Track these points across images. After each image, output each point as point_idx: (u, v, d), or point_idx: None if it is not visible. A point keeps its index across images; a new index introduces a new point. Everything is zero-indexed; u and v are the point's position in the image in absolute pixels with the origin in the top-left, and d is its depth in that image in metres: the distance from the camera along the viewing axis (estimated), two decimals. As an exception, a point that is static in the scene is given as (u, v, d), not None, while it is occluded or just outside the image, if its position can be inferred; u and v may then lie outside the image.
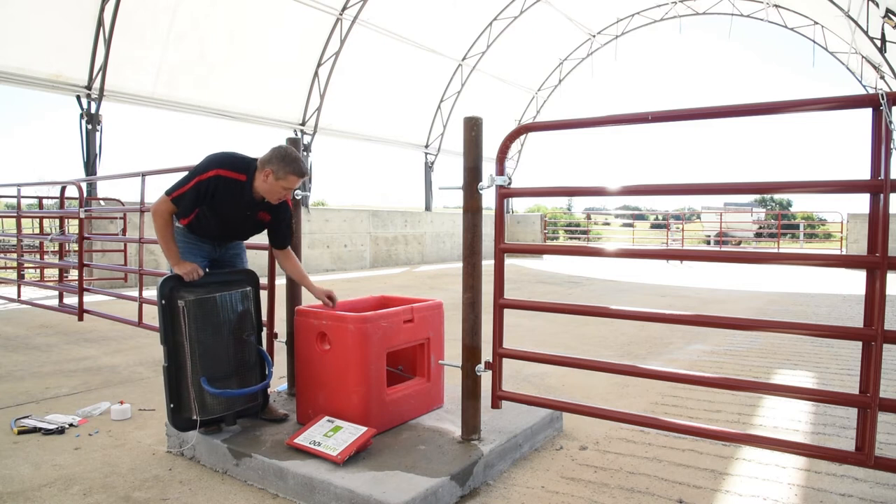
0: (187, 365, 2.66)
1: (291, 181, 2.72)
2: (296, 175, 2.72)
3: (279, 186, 2.72)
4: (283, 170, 2.69)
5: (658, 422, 2.33)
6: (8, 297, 7.86)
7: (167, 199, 2.73)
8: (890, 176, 1.86)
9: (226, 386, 2.73)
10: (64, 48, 10.18)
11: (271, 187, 2.72)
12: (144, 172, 4.86)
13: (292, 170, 2.70)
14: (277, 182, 2.70)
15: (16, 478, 2.60)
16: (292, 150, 2.75)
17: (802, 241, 24.50)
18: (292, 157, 2.71)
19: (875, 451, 1.92)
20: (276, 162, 2.69)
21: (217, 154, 2.78)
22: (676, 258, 2.55)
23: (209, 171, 2.70)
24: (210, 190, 2.70)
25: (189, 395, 2.68)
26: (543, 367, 4.42)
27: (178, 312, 2.66)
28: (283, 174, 2.69)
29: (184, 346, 2.66)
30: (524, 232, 19.97)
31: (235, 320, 2.79)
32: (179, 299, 2.66)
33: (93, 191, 10.28)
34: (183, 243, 2.87)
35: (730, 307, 7.89)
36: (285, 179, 2.70)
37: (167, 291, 2.67)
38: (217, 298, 2.74)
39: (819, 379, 4.20)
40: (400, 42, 15.38)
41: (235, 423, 2.86)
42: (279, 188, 2.72)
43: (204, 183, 2.69)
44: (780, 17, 16.69)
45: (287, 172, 2.69)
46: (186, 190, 2.70)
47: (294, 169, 2.70)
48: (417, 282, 11.41)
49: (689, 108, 2.25)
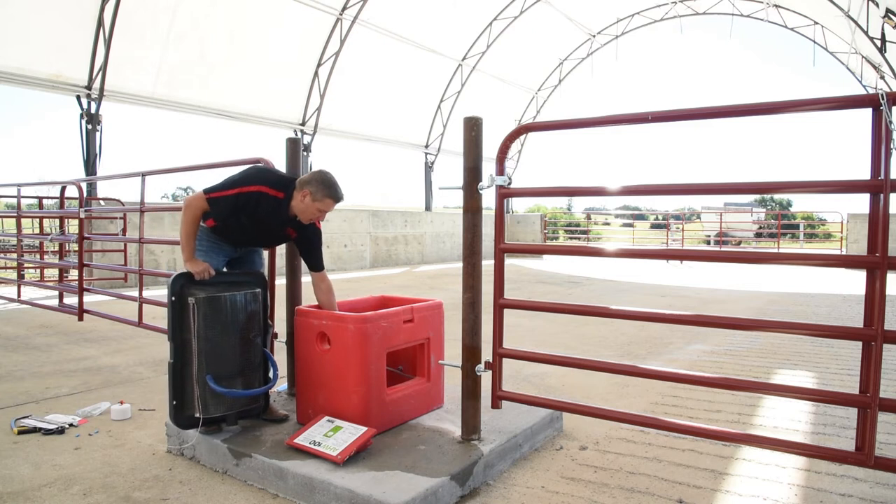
0: (193, 362, 2.67)
1: (328, 204, 2.82)
2: (333, 199, 2.82)
3: (315, 208, 2.81)
4: (321, 192, 2.78)
5: (658, 422, 2.33)
6: (8, 297, 7.86)
7: (204, 197, 2.76)
8: (890, 176, 1.86)
9: (230, 385, 2.73)
10: (64, 48, 10.19)
11: (307, 208, 2.80)
12: (144, 172, 4.86)
13: (330, 194, 2.80)
14: (314, 203, 2.79)
15: (16, 478, 2.60)
16: (332, 176, 2.85)
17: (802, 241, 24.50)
18: (331, 181, 2.82)
19: (875, 451, 1.92)
20: (316, 184, 2.78)
21: (262, 169, 2.89)
22: (676, 258, 2.55)
23: (253, 186, 2.77)
24: (250, 203, 2.77)
25: (193, 393, 2.68)
26: (543, 367, 4.42)
27: (188, 310, 2.67)
28: (321, 197, 2.79)
29: (191, 344, 2.67)
30: (524, 232, 19.97)
31: (243, 321, 2.80)
32: (190, 296, 2.68)
33: (93, 191, 10.28)
34: (206, 242, 2.91)
35: (730, 307, 7.89)
36: (322, 202, 2.80)
37: (178, 288, 2.67)
38: (227, 298, 2.76)
39: (819, 379, 4.20)
40: (400, 42, 15.39)
41: (237, 424, 2.86)
42: (314, 209, 2.81)
43: (244, 196, 2.75)
44: (780, 17, 16.69)
45: (325, 196, 2.79)
46: (227, 196, 2.75)
47: (332, 193, 2.81)
48: (417, 282, 11.42)
49: (689, 108, 2.25)
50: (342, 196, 2.87)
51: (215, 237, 2.94)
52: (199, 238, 2.87)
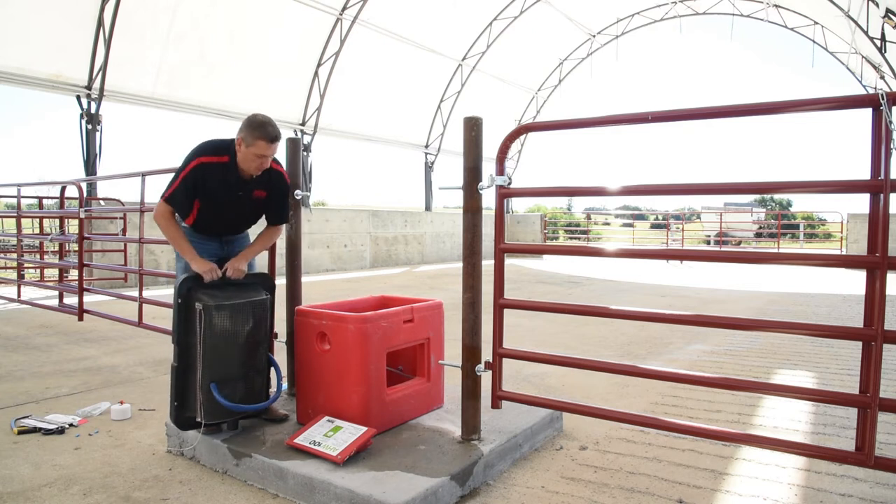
0: (197, 367, 2.63)
1: (260, 146, 2.64)
2: (264, 139, 2.63)
3: (251, 154, 2.66)
4: (250, 136, 2.63)
5: (658, 422, 2.33)
6: (8, 297, 7.86)
7: (162, 201, 2.74)
8: (890, 176, 1.86)
9: (233, 389, 2.69)
10: (64, 48, 10.19)
11: (245, 157, 2.68)
12: (144, 172, 4.86)
13: (260, 135, 2.62)
14: (248, 150, 2.66)
15: (16, 478, 2.60)
16: (260, 116, 2.67)
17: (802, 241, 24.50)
18: (258, 121, 2.64)
19: (875, 451, 1.92)
20: (244, 130, 2.65)
21: (197, 145, 2.76)
22: (676, 258, 2.55)
23: (192, 162, 2.69)
24: (198, 180, 2.68)
25: (195, 398, 2.65)
26: (543, 367, 4.42)
27: (194, 315, 2.61)
28: (252, 140, 2.63)
29: (196, 349, 2.62)
30: (524, 232, 19.97)
31: (251, 327, 2.75)
32: (197, 301, 2.62)
33: (93, 191, 10.28)
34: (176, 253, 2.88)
35: (730, 307, 7.89)
36: (254, 146, 2.64)
37: (184, 291, 2.63)
38: (235, 305, 2.69)
39: (819, 379, 4.20)
40: (400, 42, 15.39)
41: (237, 427, 2.85)
42: (251, 156, 2.66)
43: (190, 175, 2.68)
44: (780, 17, 16.70)
45: (255, 138, 2.63)
46: (176, 187, 2.70)
47: (261, 133, 2.62)
48: (417, 282, 11.41)
49: (689, 108, 2.25)
50: (273, 134, 2.66)
51: (198, 235, 2.90)
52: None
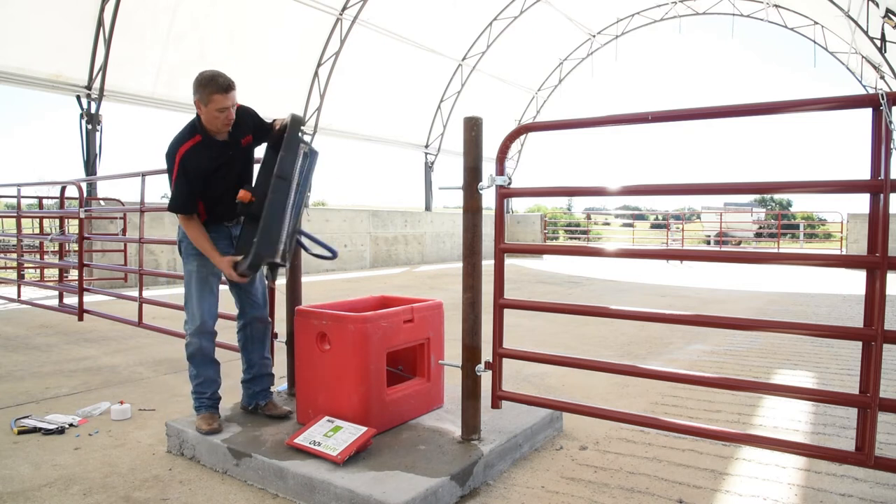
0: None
1: (218, 100, 2.57)
2: (218, 92, 2.55)
3: (213, 112, 2.59)
4: (204, 94, 2.57)
5: (658, 422, 2.33)
6: (8, 297, 7.85)
7: (178, 215, 2.74)
8: (890, 176, 1.86)
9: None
10: (64, 48, 10.19)
11: (209, 118, 2.63)
12: (144, 172, 4.85)
13: (213, 89, 2.55)
14: (209, 108, 2.58)
15: (16, 478, 2.60)
16: (207, 72, 2.61)
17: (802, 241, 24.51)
18: (207, 77, 2.58)
19: (875, 451, 1.92)
20: (196, 91, 2.58)
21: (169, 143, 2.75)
22: (676, 258, 2.55)
23: (176, 157, 2.67)
24: (189, 169, 2.67)
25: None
26: (543, 367, 4.42)
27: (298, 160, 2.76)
28: (207, 97, 2.56)
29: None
30: (524, 232, 19.97)
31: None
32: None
33: (93, 191, 10.29)
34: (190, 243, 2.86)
35: (730, 307, 7.89)
36: (212, 101, 2.57)
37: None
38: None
39: (819, 379, 4.20)
40: (400, 42, 15.39)
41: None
42: (214, 113, 2.59)
43: (181, 171, 2.67)
44: (780, 17, 16.70)
45: (209, 94, 2.56)
46: (178, 191, 2.70)
47: (214, 87, 2.55)
48: (417, 282, 11.41)
49: (689, 108, 2.25)
50: (226, 83, 2.57)
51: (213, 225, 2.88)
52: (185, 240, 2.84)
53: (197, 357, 2.89)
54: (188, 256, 2.88)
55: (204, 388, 2.89)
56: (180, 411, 3.46)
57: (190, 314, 2.87)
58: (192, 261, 2.86)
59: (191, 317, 2.86)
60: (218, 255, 2.75)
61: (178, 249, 2.95)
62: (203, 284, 2.86)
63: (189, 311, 2.87)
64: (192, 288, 2.86)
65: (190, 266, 2.87)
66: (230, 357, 4.86)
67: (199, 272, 2.85)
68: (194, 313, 2.85)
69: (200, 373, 2.90)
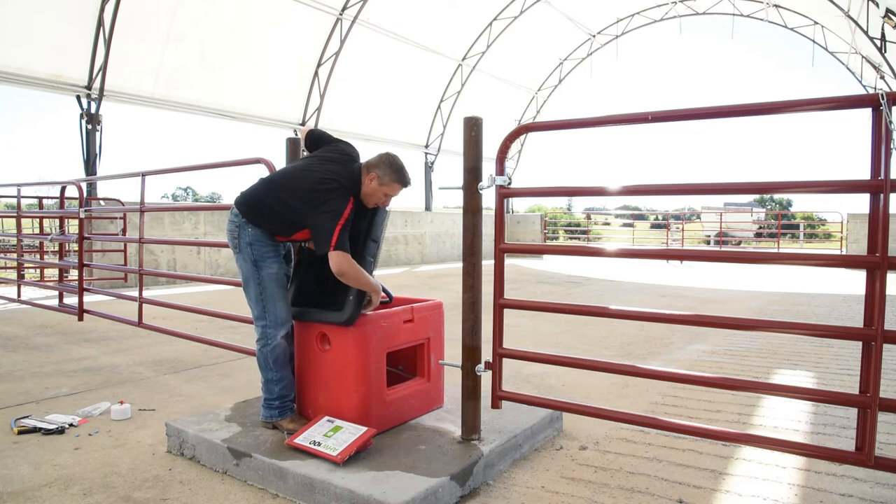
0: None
1: (395, 189, 2.79)
2: (400, 184, 2.79)
3: (381, 192, 2.77)
4: (389, 177, 2.74)
5: (658, 422, 2.33)
6: (8, 297, 7.86)
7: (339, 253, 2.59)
8: (890, 176, 1.86)
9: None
10: (64, 48, 10.19)
11: (374, 192, 2.76)
12: (144, 172, 4.86)
13: (398, 178, 2.77)
14: (381, 188, 2.75)
15: (16, 478, 2.60)
16: (398, 159, 2.81)
17: (802, 241, 24.51)
18: (399, 165, 2.78)
19: (875, 451, 1.92)
20: (384, 167, 2.74)
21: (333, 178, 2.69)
22: (676, 258, 2.55)
23: (348, 204, 2.64)
24: (351, 220, 2.67)
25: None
26: (543, 367, 4.42)
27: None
28: (389, 181, 2.75)
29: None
30: (524, 232, 19.97)
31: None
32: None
33: (93, 191, 10.29)
34: (271, 247, 2.79)
35: (730, 307, 7.89)
36: (389, 186, 2.76)
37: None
38: None
39: (819, 379, 4.20)
40: (400, 42, 15.39)
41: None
42: (381, 194, 2.77)
43: (348, 218, 2.63)
44: (780, 17, 16.71)
45: (392, 180, 2.76)
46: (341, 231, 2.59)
47: (400, 178, 2.78)
48: (417, 282, 11.41)
49: (689, 108, 2.25)
50: (410, 181, 2.83)
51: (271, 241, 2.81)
52: (264, 245, 2.77)
53: (282, 358, 2.82)
54: (265, 259, 2.78)
55: (288, 391, 2.85)
56: (180, 411, 3.46)
57: (272, 316, 2.78)
58: (272, 263, 2.79)
59: (273, 318, 2.78)
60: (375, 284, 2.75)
61: (241, 250, 2.79)
62: (281, 286, 2.81)
63: (270, 313, 2.78)
64: (270, 290, 2.78)
65: (269, 269, 2.78)
66: (230, 357, 4.87)
67: (277, 274, 2.80)
68: (277, 314, 2.78)
69: (284, 375, 2.83)
